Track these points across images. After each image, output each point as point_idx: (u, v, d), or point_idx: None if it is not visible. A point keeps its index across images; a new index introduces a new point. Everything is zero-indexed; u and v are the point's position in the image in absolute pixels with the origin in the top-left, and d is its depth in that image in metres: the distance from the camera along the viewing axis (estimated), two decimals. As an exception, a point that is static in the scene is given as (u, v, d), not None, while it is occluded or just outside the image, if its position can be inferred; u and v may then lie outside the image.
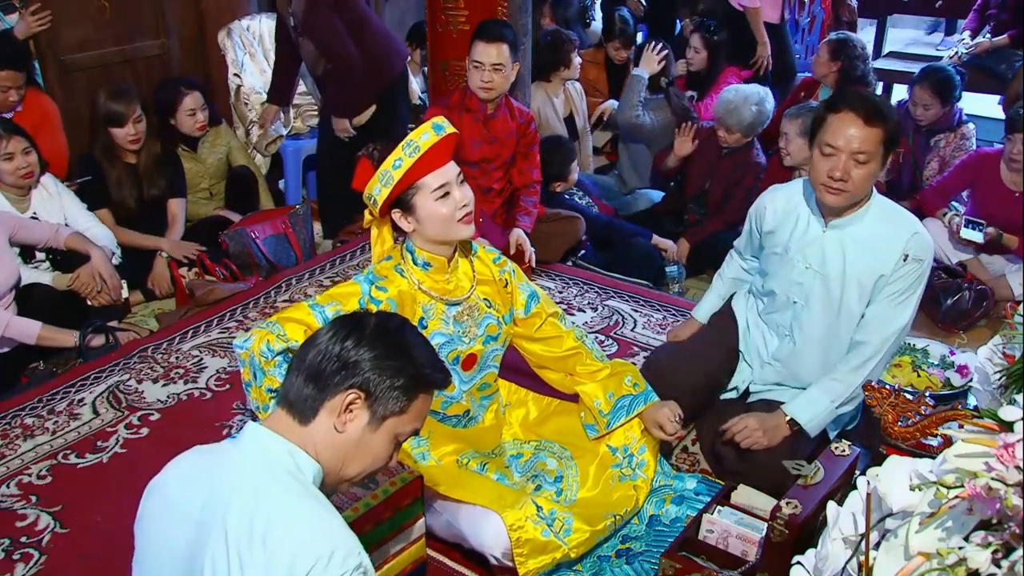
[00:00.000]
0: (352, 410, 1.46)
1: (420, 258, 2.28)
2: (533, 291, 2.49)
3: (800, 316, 2.51)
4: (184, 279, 3.81)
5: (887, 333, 2.38)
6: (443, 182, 2.19)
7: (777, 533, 1.94)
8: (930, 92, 4.15)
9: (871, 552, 1.42)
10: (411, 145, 2.16)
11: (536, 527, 2.12)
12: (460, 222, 2.22)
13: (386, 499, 1.96)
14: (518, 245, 3.56)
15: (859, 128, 2.22)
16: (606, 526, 2.27)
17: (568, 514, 2.20)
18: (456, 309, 2.32)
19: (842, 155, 2.25)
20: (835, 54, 4.55)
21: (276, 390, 2.10)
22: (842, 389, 2.42)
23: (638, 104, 4.55)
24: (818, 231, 2.44)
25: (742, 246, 2.80)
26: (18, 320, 3.13)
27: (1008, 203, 3.63)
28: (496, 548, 2.12)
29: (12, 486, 2.63)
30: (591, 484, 2.42)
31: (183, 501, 1.44)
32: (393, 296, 2.23)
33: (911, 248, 2.33)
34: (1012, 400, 1.55)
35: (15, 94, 3.63)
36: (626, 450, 2.44)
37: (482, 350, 2.38)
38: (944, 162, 4.28)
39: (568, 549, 2.15)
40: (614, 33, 5.44)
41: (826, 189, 2.30)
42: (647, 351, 3.32)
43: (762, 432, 2.42)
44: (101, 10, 4.25)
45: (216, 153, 4.24)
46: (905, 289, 2.36)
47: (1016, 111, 3.71)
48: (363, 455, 1.50)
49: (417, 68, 5.27)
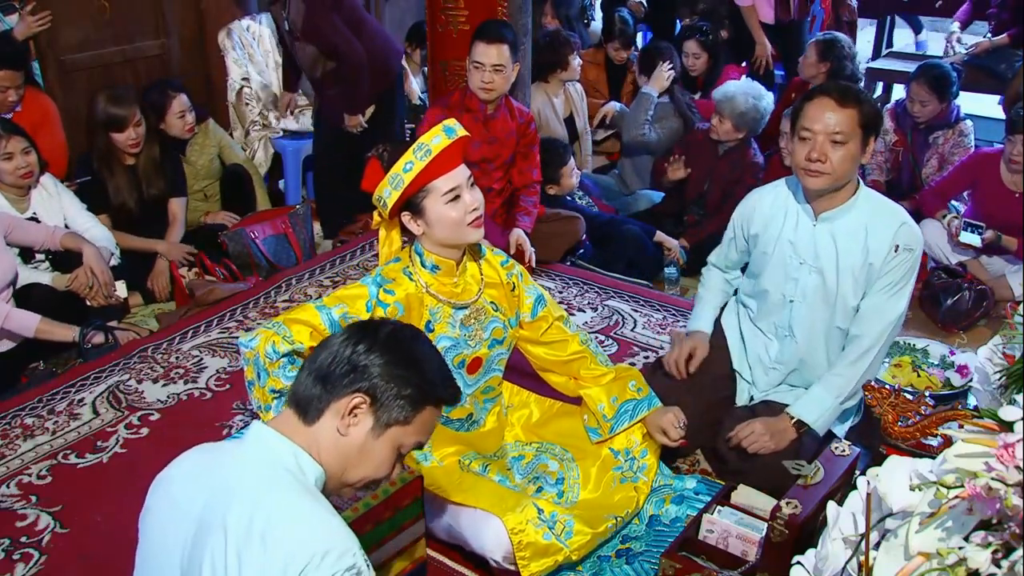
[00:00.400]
0: (356, 414, 1.47)
1: (429, 261, 2.26)
2: (540, 295, 2.48)
3: (798, 313, 2.52)
4: (184, 279, 3.81)
5: (883, 325, 2.40)
6: (454, 185, 2.17)
7: (777, 533, 1.93)
8: (927, 88, 4.16)
9: (871, 552, 1.42)
10: (422, 148, 2.13)
11: (537, 530, 2.11)
12: (470, 226, 2.20)
13: (386, 499, 1.96)
14: (518, 245, 3.57)
15: (833, 110, 2.29)
16: (607, 528, 2.27)
17: (569, 516, 2.20)
18: (463, 313, 2.31)
19: (819, 137, 2.30)
20: (823, 55, 4.57)
21: (279, 391, 2.10)
22: (844, 384, 2.43)
23: (645, 122, 4.54)
24: (808, 225, 2.45)
25: (719, 259, 2.77)
26: (17, 312, 3.13)
27: (1008, 204, 3.63)
28: (497, 552, 2.12)
29: (12, 486, 2.63)
30: (592, 486, 2.41)
31: (185, 499, 1.44)
32: (400, 299, 2.22)
33: (901, 238, 2.36)
34: (1012, 400, 1.55)
35: (14, 94, 3.63)
36: (628, 453, 2.44)
37: (487, 354, 2.37)
38: (943, 159, 4.28)
39: (570, 552, 2.15)
40: (614, 33, 5.44)
41: (806, 172, 2.34)
42: (647, 351, 3.32)
43: (769, 436, 2.42)
44: (101, 10, 4.25)
45: (206, 154, 4.21)
46: (898, 280, 2.38)
47: (1017, 112, 3.70)
48: (365, 461, 1.50)
49: (417, 68, 5.27)
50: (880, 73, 5.94)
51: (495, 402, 2.51)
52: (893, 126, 4.46)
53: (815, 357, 2.53)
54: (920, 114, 4.23)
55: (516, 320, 2.44)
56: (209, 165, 4.23)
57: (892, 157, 4.51)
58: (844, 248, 2.40)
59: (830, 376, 2.45)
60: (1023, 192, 3.65)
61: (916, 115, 4.24)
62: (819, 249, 2.43)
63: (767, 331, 2.62)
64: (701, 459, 2.71)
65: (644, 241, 4.04)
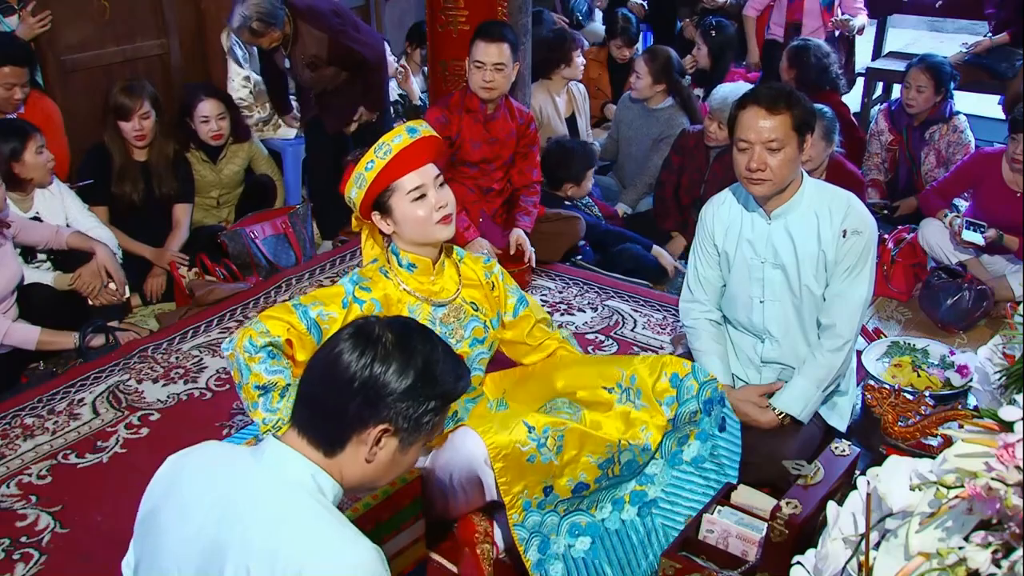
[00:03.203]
0: (381, 440, 1.42)
1: (405, 259, 2.29)
2: (522, 296, 2.51)
3: (770, 313, 2.55)
4: (184, 279, 3.80)
5: (850, 309, 2.45)
6: (418, 184, 2.20)
7: (777, 533, 1.93)
8: (927, 74, 4.24)
9: (871, 552, 1.42)
10: (383, 148, 2.18)
11: (524, 451, 2.06)
12: (438, 224, 2.23)
13: (386, 499, 1.96)
14: (518, 245, 3.57)
15: (764, 118, 2.35)
16: (606, 449, 2.19)
17: (562, 431, 2.13)
18: (442, 311, 2.33)
19: (755, 147, 2.36)
20: (792, 61, 4.62)
21: (263, 386, 2.11)
22: (825, 374, 2.48)
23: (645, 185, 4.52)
24: (764, 225, 2.52)
25: (696, 289, 2.68)
26: (17, 327, 3.14)
27: (1010, 203, 3.62)
28: (479, 459, 2.07)
29: (12, 486, 2.63)
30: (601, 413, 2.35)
31: (199, 511, 1.40)
32: (378, 297, 2.24)
33: (848, 223, 2.43)
34: (1012, 400, 1.55)
35: (19, 92, 3.60)
36: (633, 381, 2.37)
37: (468, 352, 2.37)
38: (940, 155, 4.32)
39: (557, 465, 2.09)
40: (616, 32, 5.45)
41: (749, 182, 2.42)
42: (647, 351, 3.32)
43: (758, 411, 2.50)
44: (101, 10, 4.24)
45: (234, 164, 4.20)
46: (854, 264, 2.44)
47: (1020, 111, 3.70)
48: (392, 472, 1.49)
49: (417, 68, 5.27)
50: (880, 73, 5.94)
51: (477, 402, 2.47)
52: (888, 126, 4.50)
53: (800, 351, 2.56)
54: (915, 102, 4.28)
55: (498, 321, 2.45)
56: (233, 176, 4.22)
57: (889, 157, 4.53)
58: (800, 240, 2.46)
59: (811, 367, 2.49)
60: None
61: (911, 104, 4.30)
62: (777, 246, 2.49)
63: (748, 333, 2.64)
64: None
65: (643, 260, 4.03)
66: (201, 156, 4.08)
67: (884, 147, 4.53)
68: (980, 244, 3.60)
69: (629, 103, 4.77)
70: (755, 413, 2.50)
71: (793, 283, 2.50)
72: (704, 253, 2.65)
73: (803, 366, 2.51)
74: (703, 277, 2.67)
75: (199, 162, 4.08)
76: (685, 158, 4.17)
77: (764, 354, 2.61)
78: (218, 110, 4.01)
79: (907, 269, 3.79)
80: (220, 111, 4.02)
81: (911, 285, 3.78)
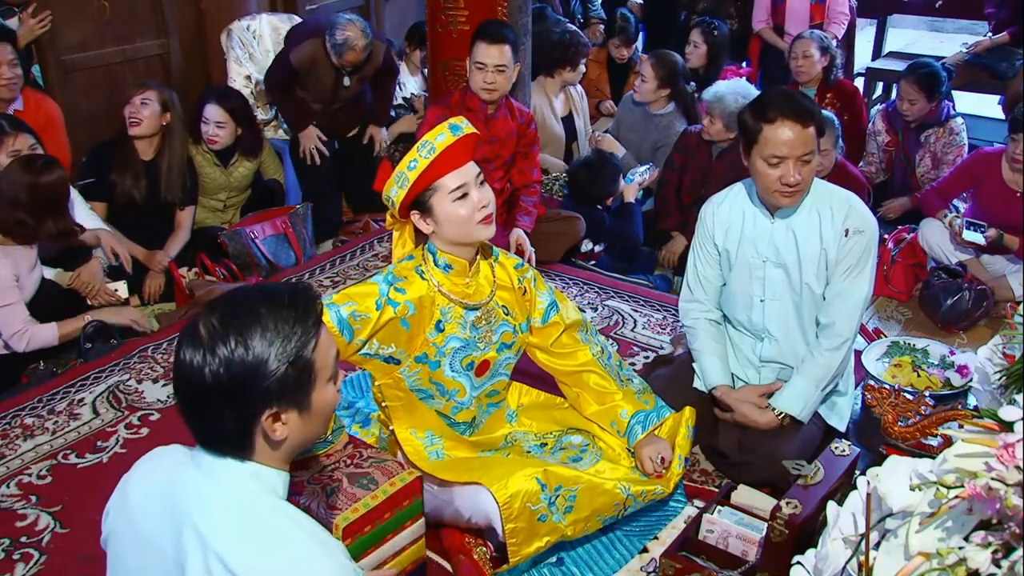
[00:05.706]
0: (280, 419, 1.37)
1: (441, 260, 2.24)
2: (554, 301, 2.43)
3: (770, 312, 2.55)
4: (184, 279, 3.80)
5: (850, 309, 2.45)
6: (461, 183, 2.15)
7: (777, 533, 1.94)
8: (916, 87, 4.22)
9: (871, 552, 1.42)
10: (426, 145, 2.12)
11: (534, 511, 2.08)
12: (480, 223, 2.18)
13: (386, 499, 1.96)
14: (518, 245, 3.56)
15: (798, 132, 2.32)
16: (614, 507, 2.23)
17: (574, 491, 2.16)
18: (475, 314, 2.29)
19: (789, 161, 2.33)
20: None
21: None
22: (823, 372, 2.47)
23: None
24: (766, 224, 2.51)
25: (696, 289, 2.69)
26: (37, 330, 3.13)
27: (1010, 203, 3.63)
28: (496, 514, 2.09)
29: (12, 486, 2.63)
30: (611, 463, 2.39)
31: (154, 533, 1.39)
32: (411, 298, 2.19)
33: (850, 222, 2.43)
34: (1012, 400, 1.55)
35: (8, 70, 3.51)
36: None
37: (496, 357, 2.35)
38: (936, 157, 4.33)
39: (564, 527, 2.14)
40: (615, 31, 5.45)
41: (781, 195, 2.39)
42: (647, 351, 3.32)
43: (757, 412, 2.50)
44: (101, 10, 4.25)
45: (245, 169, 4.18)
46: (856, 263, 2.44)
47: (1020, 111, 3.70)
48: (317, 421, 1.43)
49: (417, 68, 5.27)
50: (880, 73, 5.94)
51: (499, 407, 2.48)
52: (885, 127, 4.50)
53: (799, 350, 2.56)
54: (909, 112, 4.29)
55: (527, 325, 2.42)
56: (242, 180, 4.20)
57: (885, 157, 4.54)
58: (803, 238, 2.46)
59: (810, 366, 2.48)
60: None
61: (906, 113, 4.31)
62: (779, 244, 2.49)
63: (747, 333, 2.64)
64: (701, 459, 2.71)
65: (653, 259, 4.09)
66: (212, 159, 4.06)
67: (881, 148, 4.53)
68: (981, 244, 3.61)
69: (631, 105, 4.76)
70: (754, 414, 2.51)
71: (794, 282, 2.50)
72: (704, 253, 2.65)
73: (802, 366, 2.50)
74: (703, 277, 2.66)
75: (209, 164, 4.06)
76: (687, 157, 4.17)
77: (763, 353, 2.61)
78: (219, 117, 3.97)
79: (907, 269, 3.80)
80: (221, 119, 3.97)
81: (911, 285, 3.78)
